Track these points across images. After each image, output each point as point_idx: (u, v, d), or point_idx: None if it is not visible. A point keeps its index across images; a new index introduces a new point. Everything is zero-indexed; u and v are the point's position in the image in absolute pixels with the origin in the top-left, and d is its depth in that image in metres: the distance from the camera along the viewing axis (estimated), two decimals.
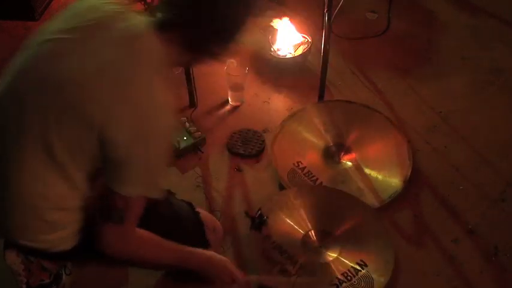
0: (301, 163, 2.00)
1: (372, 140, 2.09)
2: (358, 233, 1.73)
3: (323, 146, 2.07)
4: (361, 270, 1.62)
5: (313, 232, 1.75)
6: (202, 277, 1.50)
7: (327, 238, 1.72)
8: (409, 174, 1.94)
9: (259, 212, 1.77)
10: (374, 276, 1.60)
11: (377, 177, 1.95)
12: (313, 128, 2.13)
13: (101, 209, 1.20)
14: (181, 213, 1.57)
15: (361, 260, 1.64)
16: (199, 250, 1.45)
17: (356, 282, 1.60)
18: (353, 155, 2.03)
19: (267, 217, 1.75)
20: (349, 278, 1.61)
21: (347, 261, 1.65)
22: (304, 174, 1.97)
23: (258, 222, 1.74)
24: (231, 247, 1.79)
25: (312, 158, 2.03)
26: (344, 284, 1.59)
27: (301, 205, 1.81)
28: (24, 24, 2.89)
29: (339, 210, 1.81)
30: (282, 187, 1.95)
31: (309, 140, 2.10)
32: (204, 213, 1.67)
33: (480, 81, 2.43)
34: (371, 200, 1.87)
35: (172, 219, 1.44)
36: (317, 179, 1.95)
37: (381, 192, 1.89)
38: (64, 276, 1.52)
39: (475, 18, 2.82)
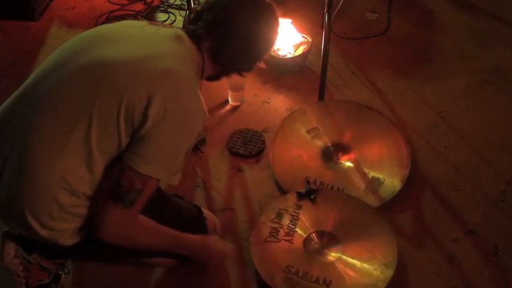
0: (309, 177, 1.95)
1: (370, 139, 2.08)
2: (361, 238, 1.73)
3: (321, 147, 2.06)
4: (317, 284, 1.60)
5: (318, 233, 1.75)
6: (195, 261, 1.53)
7: (330, 243, 1.72)
8: (408, 172, 1.93)
9: (316, 188, 1.87)
10: None
11: (376, 177, 1.95)
12: (309, 132, 2.12)
13: (114, 191, 1.21)
14: (185, 218, 1.58)
15: (330, 281, 1.60)
16: (191, 235, 1.48)
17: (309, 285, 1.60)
18: (352, 155, 2.03)
19: (315, 196, 1.83)
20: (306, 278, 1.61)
21: (325, 272, 1.63)
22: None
23: (307, 192, 1.84)
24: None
25: (313, 165, 2.01)
26: (296, 279, 1.61)
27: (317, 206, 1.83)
28: (24, 24, 2.90)
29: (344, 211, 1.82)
30: (283, 192, 1.94)
31: (307, 148, 2.07)
32: (205, 212, 1.69)
33: (480, 81, 2.43)
34: (371, 199, 1.87)
35: (175, 224, 1.44)
36: (327, 184, 1.93)
37: (381, 192, 1.89)
38: (63, 276, 1.53)
39: (475, 18, 2.83)
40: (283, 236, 1.74)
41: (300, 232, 1.75)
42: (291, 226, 1.76)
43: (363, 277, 1.61)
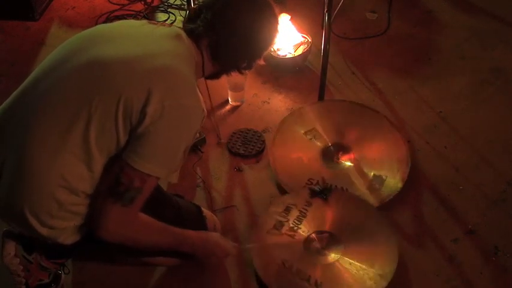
0: (312, 179, 1.95)
1: (369, 137, 2.08)
2: (363, 245, 1.72)
3: (321, 148, 2.06)
4: (307, 283, 1.60)
5: (320, 233, 1.74)
6: (196, 258, 1.53)
7: (331, 245, 1.71)
8: (407, 172, 1.93)
9: (330, 188, 1.86)
10: None
11: (378, 175, 1.94)
12: (310, 131, 2.12)
13: (113, 188, 1.21)
14: (185, 218, 1.58)
15: (321, 282, 1.59)
16: (192, 231, 1.47)
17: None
18: (352, 155, 2.03)
19: (326, 196, 1.82)
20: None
21: (319, 273, 1.63)
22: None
23: (321, 191, 1.84)
24: None
25: (313, 166, 2.00)
26: (289, 274, 1.61)
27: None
28: (24, 24, 2.90)
29: (344, 209, 1.82)
30: (283, 192, 1.94)
31: (306, 150, 2.06)
32: (204, 211, 1.69)
33: (480, 81, 2.43)
34: (374, 198, 1.87)
35: (175, 223, 1.44)
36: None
37: (384, 190, 1.89)
38: (63, 276, 1.53)
39: (475, 18, 2.83)
40: (287, 230, 1.74)
41: (303, 229, 1.74)
42: (297, 222, 1.76)
43: (356, 283, 1.60)
